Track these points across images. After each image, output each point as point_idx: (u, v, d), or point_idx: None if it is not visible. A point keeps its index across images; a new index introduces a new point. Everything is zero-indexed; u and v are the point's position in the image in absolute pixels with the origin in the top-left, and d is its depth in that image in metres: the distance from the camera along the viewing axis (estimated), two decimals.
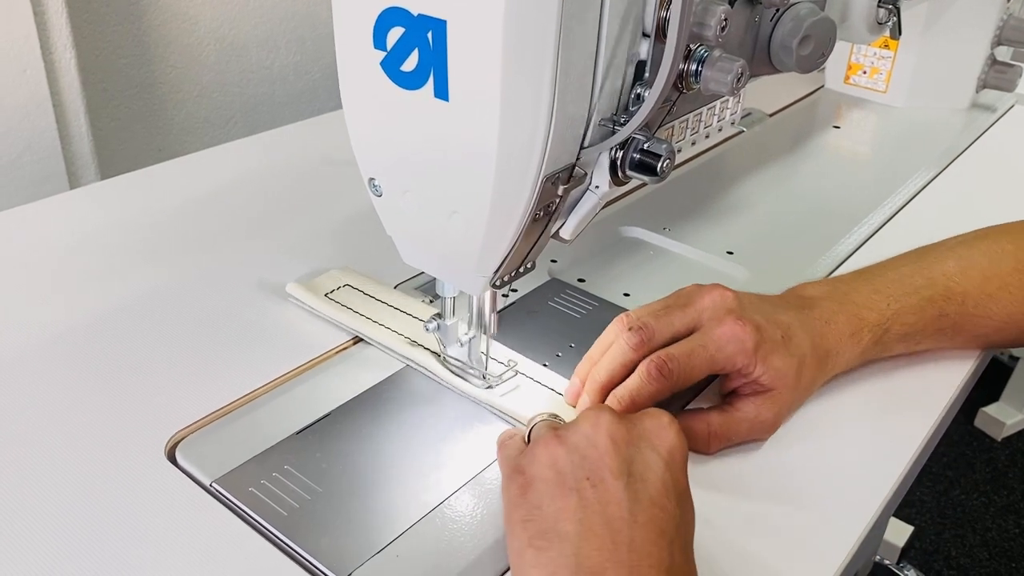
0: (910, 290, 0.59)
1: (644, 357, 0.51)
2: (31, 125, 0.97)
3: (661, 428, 0.44)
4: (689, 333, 0.53)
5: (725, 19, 0.45)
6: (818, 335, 0.55)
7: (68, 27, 0.97)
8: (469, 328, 0.56)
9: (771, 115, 1.05)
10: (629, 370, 0.52)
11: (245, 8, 1.19)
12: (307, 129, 0.97)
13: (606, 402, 0.52)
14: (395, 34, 0.43)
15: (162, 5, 1.11)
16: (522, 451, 0.46)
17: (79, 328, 0.62)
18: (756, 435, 0.54)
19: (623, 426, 0.44)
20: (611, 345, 0.53)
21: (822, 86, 1.14)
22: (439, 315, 0.57)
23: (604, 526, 0.39)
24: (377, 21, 0.43)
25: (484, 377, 0.57)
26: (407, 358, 0.59)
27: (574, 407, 0.55)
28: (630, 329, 0.52)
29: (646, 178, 0.47)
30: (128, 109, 1.13)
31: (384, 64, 0.44)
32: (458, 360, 0.58)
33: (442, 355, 0.59)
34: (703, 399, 0.57)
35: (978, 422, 1.88)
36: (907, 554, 1.56)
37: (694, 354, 0.51)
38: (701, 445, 0.53)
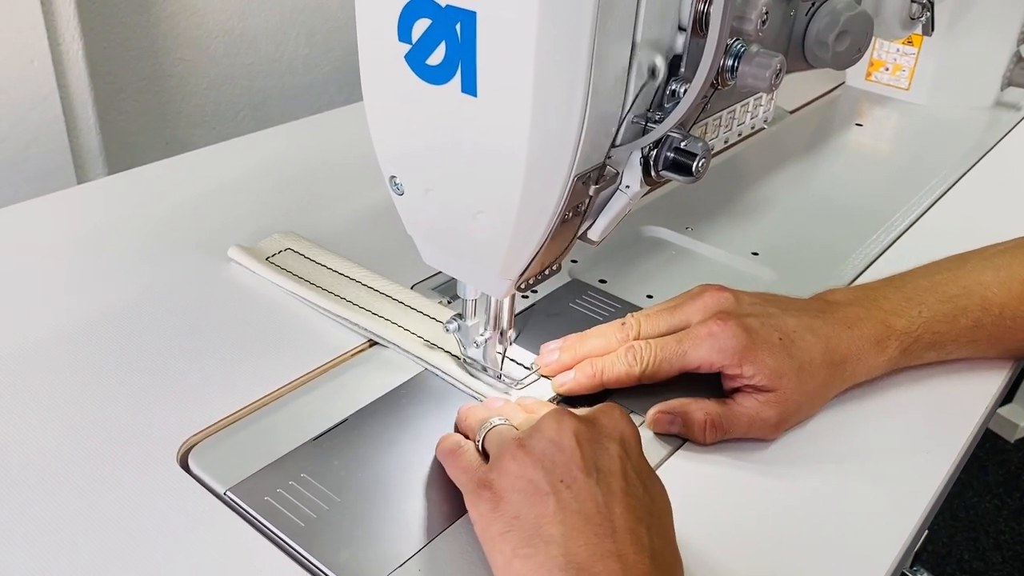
0: (943, 298, 0.57)
1: None
2: (38, 117, 0.96)
3: (614, 420, 0.46)
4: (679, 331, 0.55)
5: (766, 12, 0.43)
6: (834, 340, 0.54)
7: (76, 18, 0.96)
8: (485, 329, 0.55)
9: (792, 112, 1.03)
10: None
11: (254, 0, 1.17)
12: (317, 124, 0.96)
13: (579, 366, 0.55)
14: (421, 26, 0.41)
15: None
16: (482, 464, 0.46)
17: (86, 327, 0.61)
18: (757, 433, 0.53)
19: (584, 425, 0.44)
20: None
21: (843, 83, 1.12)
22: (459, 315, 0.56)
23: (585, 522, 0.40)
24: (402, 12, 0.41)
25: (500, 378, 0.56)
26: (425, 360, 0.58)
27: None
28: (622, 324, 0.56)
29: (680, 178, 0.46)
30: (136, 101, 1.12)
31: (409, 57, 0.42)
32: (476, 362, 0.56)
33: (462, 357, 0.57)
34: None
35: (991, 424, 1.86)
36: (920, 558, 1.55)
37: (667, 347, 0.53)
38: (697, 433, 0.52)
